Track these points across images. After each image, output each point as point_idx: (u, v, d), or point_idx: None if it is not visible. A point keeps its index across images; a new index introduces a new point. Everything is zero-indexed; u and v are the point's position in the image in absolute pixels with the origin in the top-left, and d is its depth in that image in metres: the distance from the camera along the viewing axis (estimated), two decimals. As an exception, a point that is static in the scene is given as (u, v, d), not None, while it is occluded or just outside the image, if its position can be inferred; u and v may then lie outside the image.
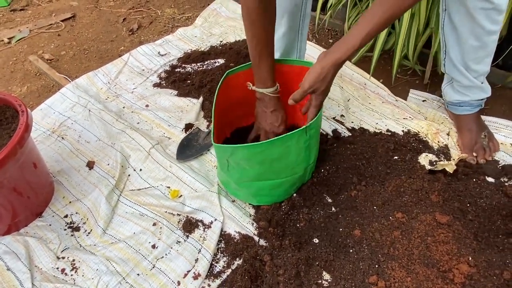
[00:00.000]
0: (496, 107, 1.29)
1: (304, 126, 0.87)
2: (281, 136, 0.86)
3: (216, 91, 1.01)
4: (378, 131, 1.23)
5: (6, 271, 0.96)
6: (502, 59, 1.29)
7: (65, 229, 1.07)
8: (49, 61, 1.72)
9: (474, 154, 1.13)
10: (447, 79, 1.20)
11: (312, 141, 0.93)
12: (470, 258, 0.86)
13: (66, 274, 0.97)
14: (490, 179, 1.07)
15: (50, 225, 1.08)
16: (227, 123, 1.18)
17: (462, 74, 1.09)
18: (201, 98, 1.40)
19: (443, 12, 1.04)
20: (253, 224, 1.03)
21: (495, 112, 1.27)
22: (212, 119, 0.97)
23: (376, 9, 0.78)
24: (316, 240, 0.96)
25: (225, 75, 1.05)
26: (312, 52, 1.57)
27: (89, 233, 1.06)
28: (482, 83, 1.11)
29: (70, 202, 1.14)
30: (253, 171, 0.92)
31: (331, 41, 1.70)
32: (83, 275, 0.96)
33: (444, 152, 1.13)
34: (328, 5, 1.49)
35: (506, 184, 1.04)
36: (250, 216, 1.05)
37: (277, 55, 1.22)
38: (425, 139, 1.18)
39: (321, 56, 0.87)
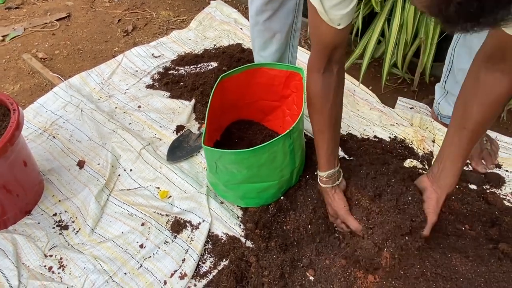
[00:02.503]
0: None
1: (287, 131, 0.89)
2: (267, 142, 0.88)
3: (211, 94, 1.03)
4: (366, 137, 1.26)
5: (-7, 267, 0.97)
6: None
7: (53, 227, 1.08)
8: (42, 60, 1.73)
9: (483, 162, 1.15)
10: (440, 93, 1.21)
11: (296, 144, 0.95)
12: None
13: (53, 272, 0.98)
14: (473, 186, 1.10)
15: (38, 223, 1.09)
16: (218, 126, 1.20)
17: None
18: (193, 101, 1.42)
19: (459, 34, 1.04)
20: (240, 225, 1.04)
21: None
22: (205, 121, 0.98)
23: (464, 132, 0.77)
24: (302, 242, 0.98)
25: (219, 79, 1.07)
26: (304, 58, 1.60)
27: (77, 231, 1.07)
28: None
29: (59, 200, 1.15)
30: (241, 175, 0.94)
31: (323, 47, 1.73)
32: (70, 273, 0.97)
33: (428, 159, 1.16)
34: (321, 13, 1.52)
35: (487, 191, 1.07)
36: (238, 218, 1.07)
37: None
38: (410, 146, 1.21)
39: (429, 191, 0.85)
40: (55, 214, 1.11)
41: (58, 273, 0.97)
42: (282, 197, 1.07)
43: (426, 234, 0.83)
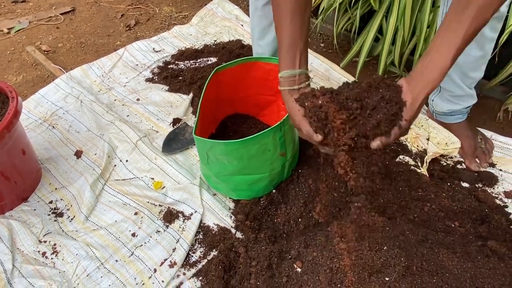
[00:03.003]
0: (477, 116, 1.32)
1: (278, 123, 0.90)
2: (257, 133, 0.89)
3: (205, 86, 1.04)
4: (361, 134, 1.26)
5: (-12, 251, 0.99)
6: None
7: (49, 214, 1.10)
8: (46, 52, 1.76)
9: (477, 160, 1.15)
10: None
11: (287, 137, 0.96)
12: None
13: (46, 257, 1.00)
14: (465, 184, 1.10)
15: (34, 209, 1.11)
16: (213, 119, 1.21)
17: (456, 84, 1.10)
18: (191, 94, 1.44)
19: None
20: (231, 217, 1.06)
21: (476, 121, 1.30)
22: (198, 111, 1.00)
23: (457, 24, 0.65)
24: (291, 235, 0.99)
25: (214, 71, 1.08)
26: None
27: (72, 219, 1.09)
28: (471, 89, 1.13)
29: (56, 188, 1.17)
30: (231, 166, 0.95)
31: (322, 45, 1.73)
32: (63, 259, 0.99)
33: (421, 156, 1.16)
34: (320, 10, 1.53)
35: (479, 189, 1.07)
36: (230, 209, 1.08)
37: None
38: (404, 143, 1.21)
39: (405, 87, 0.70)
40: (51, 202, 1.14)
41: (51, 258, 0.99)
42: (274, 190, 1.08)
43: (380, 144, 0.70)
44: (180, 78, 1.53)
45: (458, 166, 1.16)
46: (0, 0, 2.17)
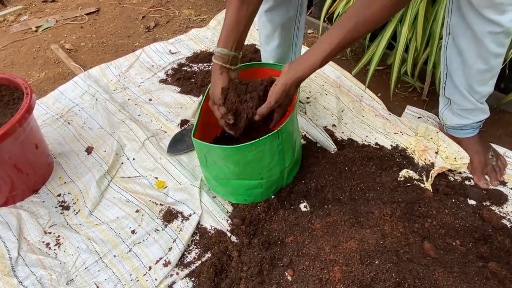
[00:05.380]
0: (492, 131, 1.27)
1: (275, 130, 0.90)
2: (254, 140, 0.89)
3: (207, 90, 1.06)
4: (367, 144, 1.24)
5: (-3, 238, 1.05)
6: (500, 82, 1.27)
7: (56, 207, 1.15)
8: (68, 50, 1.83)
9: (487, 177, 1.10)
10: (443, 102, 1.17)
11: (285, 145, 0.96)
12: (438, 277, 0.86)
13: (50, 248, 1.04)
14: (472, 202, 1.06)
15: (43, 201, 1.16)
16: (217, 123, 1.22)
17: (464, 97, 1.07)
18: (201, 97, 1.46)
19: (446, 36, 1.01)
20: (228, 220, 1.07)
21: (490, 136, 1.25)
22: (198, 114, 1.01)
23: (336, 31, 0.81)
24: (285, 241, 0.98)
25: None
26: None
27: (77, 212, 1.13)
28: (482, 104, 1.09)
29: (65, 182, 1.22)
30: (228, 170, 0.96)
31: (337, 52, 1.72)
32: (64, 251, 1.03)
33: (427, 170, 1.13)
34: (335, 16, 1.52)
35: (484, 208, 1.03)
36: (227, 213, 1.09)
37: None
38: (411, 156, 1.18)
39: (285, 70, 0.89)
40: (59, 195, 1.18)
41: (54, 249, 1.04)
42: (273, 196, 1.08)
43: (258, 116, 0.92)
44: (193, 80, 1.56)
45: (466, 182, 1.12)
46: (32, -1, 2.29)
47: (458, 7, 0.93)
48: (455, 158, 1.15)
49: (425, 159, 1.17)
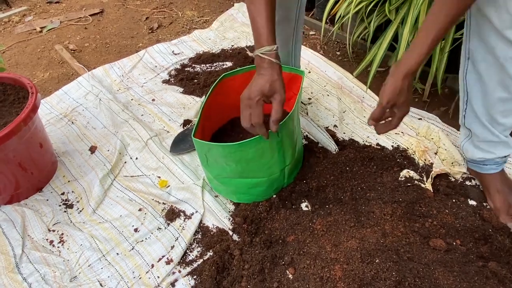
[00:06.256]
0: None
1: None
2: (253, 137, 0.90)
3: (209, 91, 1.07)
4: (368, 144, 1.25)
5: (2, 235, 1.06)
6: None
7: (60, 205, 1.16)
8: (72, 51, 1.85)
9: None
10: (464, 133, 1.07)
11: (285, 142, 0.97)
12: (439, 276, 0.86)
13: (53, 245, 1.05)
14: (472, 202, 1.07)
15: (47, 200, 1.18)
16: (219, 123, 1.23)
17: (486, 128, 0.97)
18: (203, 97, 1.47)
19: (465, 60, 0.93)
20: (230, 219, 1.07)
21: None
22: (199, 115, 1.02)
23: (437, 12, 0.75)
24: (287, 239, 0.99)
25: (220, 77, 1.11)
26: (317, 62, 1.61)
27: (80, 211, 1.15)
28: (506, 137, 0.99)
29: (68, 181, 1.23)
30: (230, 168, 0.97)
31: (338, 53, 1.73)
32: (68, 248, 1.04)
33: (428, 171, 1.14)
34: (337, 18, 1.53)
35: (484, 208, 1.03)
36: (229, 211, 1.10)
37: None
38: (412, 156, 1.19)
39: (392, 69, 0.82)
40: (63, 193, 1.20)
41: (58, 247, 1.05)
42: (274, 196, 1.09)
43: (371, 121, 0.89)
44: (195, 81, 1.58)
45: (467, 182, 1.13)
46: (36, 0, 2.31)
47: (478, 29, 0.85)
48: (452, 163, 1.15)
49: (425, 160, 1.18)
